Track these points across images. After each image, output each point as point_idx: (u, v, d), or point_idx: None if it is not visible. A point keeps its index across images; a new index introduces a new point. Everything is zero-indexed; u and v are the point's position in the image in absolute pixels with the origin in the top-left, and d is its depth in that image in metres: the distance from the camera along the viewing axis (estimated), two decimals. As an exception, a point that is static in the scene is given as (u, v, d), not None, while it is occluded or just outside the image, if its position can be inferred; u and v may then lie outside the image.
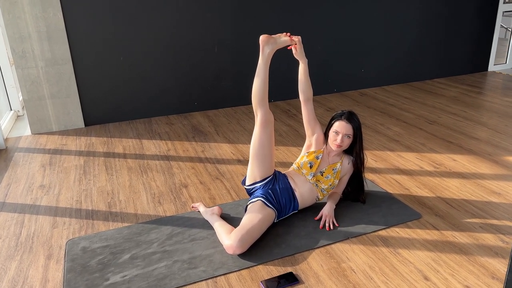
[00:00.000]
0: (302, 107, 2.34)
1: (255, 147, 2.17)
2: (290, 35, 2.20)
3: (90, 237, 2.18)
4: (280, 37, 2.18)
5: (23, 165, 3.11)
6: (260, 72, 2.15)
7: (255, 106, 2.17)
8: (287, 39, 2.19)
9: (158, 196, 2.59)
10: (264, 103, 2.16)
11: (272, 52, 2.16)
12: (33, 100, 3.73)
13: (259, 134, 2.16)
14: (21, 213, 2.45)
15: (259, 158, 2.17)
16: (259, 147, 2.16)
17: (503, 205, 2.37)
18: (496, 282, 1.78)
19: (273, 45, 2.16)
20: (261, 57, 2.15)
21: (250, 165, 2.22)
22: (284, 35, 2.19)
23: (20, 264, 2.00)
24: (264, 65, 2.15)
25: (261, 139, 2.15)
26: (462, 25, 5.26)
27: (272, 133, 2.19)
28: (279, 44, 2.18)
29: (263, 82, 2.14)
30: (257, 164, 2.18)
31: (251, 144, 2.19)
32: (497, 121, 3.74)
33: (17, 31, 3.51)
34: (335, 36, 4.64)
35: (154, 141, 3.51)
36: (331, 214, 2.23)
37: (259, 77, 2.15)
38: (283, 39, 2.18)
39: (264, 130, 2.15)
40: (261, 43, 2.15)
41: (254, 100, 2.16)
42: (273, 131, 2.20)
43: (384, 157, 3.05)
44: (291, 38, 2.20)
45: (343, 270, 1.87)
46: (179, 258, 1.98)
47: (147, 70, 4.03)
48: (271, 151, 2.20)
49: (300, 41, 2.23)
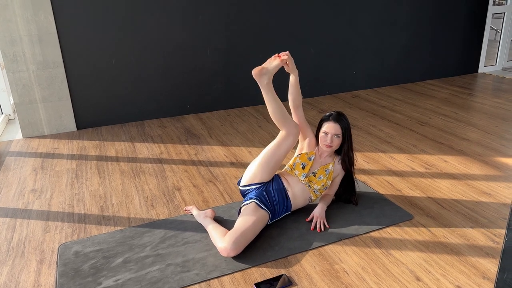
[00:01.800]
0: (293, 114, 2.36)
1: (271, 152, 2.20)
2: (278, 55, 2.19)
3: (82, 241, 2.17)
4: (271, 62, 2.17)
5: (15, 169, 3.09)
6: (270, 100, 2.18)
7: (280, 125, 2.20)
8: (278, 62, 2.17)
9: (151, 200, 2.59)
10: (287, 118, 2.19)
11: (270, 80, 2.17)
12: (24, 103, 3.71)
13: (282, 141, 2.19)
14: (13, 217, 2.43)
15: (268, 164, 2.20)
16: (274, 154, 2.19)
17: (493, 205, 2.39)
18: (487, 282, 1.80)
19: (266, 74, 2.16)
20: (262, 89, 2.17)
21: (254, 167, 2.22)
22: (273, 59, 2.18)
23: (12, 269, 1.98)
24: (269, 94, 2.18)
25: (281, 147, 2.19)
26: (453, 27, 5.32)
27: (294, 144, 2.23)
28: (272, 70, 2.17)
29: (277, 105, 2.17)
30: (264, 168, 2.20)
31: (267, 148, 2.22)
32: (487, 122, 3.78)
33: (8, 34, 3.49)
34: (327, 38, 4.66)
35: (147, 144, 3.51)
36: (322, 215, 2.24)
37: (271, 104, 2.18)
38: (274, 64, 2.17)
39: (288, 139, 2.19)
40: (255, 78, 2.15)
41: (277, 121, 2.20)
42: (296, 142, 2.24)
43: (376, 159, 3.07)
44: (280, 58, 2.18)
45: (336, 272, 1.88)
46: (172, 261, 1.97)
47: (140, 73, 4.02)
48: (282, 161, 2.24)
49: (289, 56, 2.22)
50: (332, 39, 4.69)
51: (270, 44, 4.37)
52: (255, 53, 4.31)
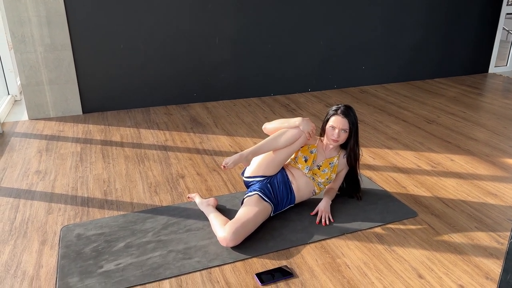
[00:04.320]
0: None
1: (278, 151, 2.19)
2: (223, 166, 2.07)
3: (85, 224, 2.17)
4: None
5: (20, 150, 3.09)
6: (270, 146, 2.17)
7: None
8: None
9: (154, 186, 2.58)
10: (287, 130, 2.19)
11: (249, 160, 2.17)
12: (31, 85, 3.70)
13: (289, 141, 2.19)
14: (16, 197, 2.44)
15: (275, 159, 2.19)
16: (280, 153, 2.18)
17: (499, 206, 2.37)
18: (490, 282, 1.78)
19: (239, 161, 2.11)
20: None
21: (260, 159, 2.21)
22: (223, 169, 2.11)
23: (14, 248, 1.99)
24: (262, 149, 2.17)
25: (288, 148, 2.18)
26: (465, 26, 5.24)
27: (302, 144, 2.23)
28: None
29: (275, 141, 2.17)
30: (268, 164, 2.19)
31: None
32: (496, 122, 3.74)
33: (16, 15, 3.47)
34: (337, 32, 4.61)
35: (152, 131, 3.50)
36: (327, 209, 2.23)
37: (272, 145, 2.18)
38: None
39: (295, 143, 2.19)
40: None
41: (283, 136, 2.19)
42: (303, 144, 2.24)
43: (382, 155, 3.05)
44: (224, 168, 2.07)
45: (338, 266, 1.87)
46: (174, 248, 1.97)
47: (147, 59, 4.00)
48: (287, 160, 2.23)
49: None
50: (342, 33, 4.64)
51: (279, 35, 4.33)
52: (264, 43, 4.27)
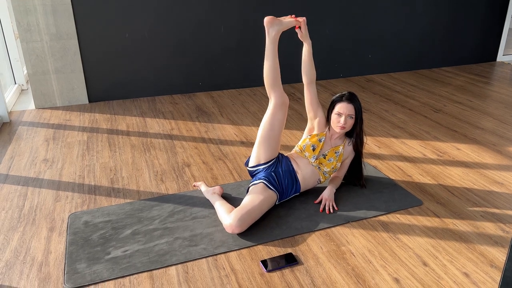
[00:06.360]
0: (305, 90, 2.32)
1: (265, 129, 2.16)
2: (295, 16, 2.18)
3: (92, 211, 2.20)
4: (285, 18, 2.16)
5: (27, 138, 3.12)
6: (269, 55, 2.13)
7: (268, 89, 2.15)
8: (292, 20, 2.17)
9: (160, 174, 2.60)
10: (277, 85, 2.15)
11: (278, 33, 2.13)
12: (37, 74, 3.71)
13: (271, 116, 2.15)
14: (24, 185, 2.47)
15: (267, 140, 2.17)
16: (269, 130, 2.15)
17: (505, 195, 2.36)
18: (495, 270, 1.79)
19: (278, 26, 2.13)
20: (268, 39, 2.13)
21: (256, 146, 2.21)
22: (289, 17, 2.17)
23: (23, 235, 2.02)
24: (272, 47, 2.13)
25: (273, 122, 2.14)
26: (473, 14, 5.17)
27: (285, 117, 2.18)
28: (284, 25, 2.15)
29: (273, 64, 2.13)
30: (264, 146, 2.18)
31: (262, 125, 2.17)
32: (503, 111, 3.71)
33: (22, 4, 3.47)
34: (343, 21, 4.57)
35: (158, 120, 3.51)
36: (331, 197, 2.23)
37: (268, 60, 2.13)
38: (288, 20, 2.16)
39: (277, 113, 2.14)
40: (266, 26, 2.13)
41: (267, 83, 2.15)
42: (286, 114, 2.19)
43: (388, 144, 3.04)
44: (296, 19, 2.18)
45: (343, 253, 1.89)
46: (180, 235, 1.99)
47: (152, 48, 3.99)
48: (280, 135, 2.20)
49: (305, 23, 2.20)
50: (348, 21, 4.60)
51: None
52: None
